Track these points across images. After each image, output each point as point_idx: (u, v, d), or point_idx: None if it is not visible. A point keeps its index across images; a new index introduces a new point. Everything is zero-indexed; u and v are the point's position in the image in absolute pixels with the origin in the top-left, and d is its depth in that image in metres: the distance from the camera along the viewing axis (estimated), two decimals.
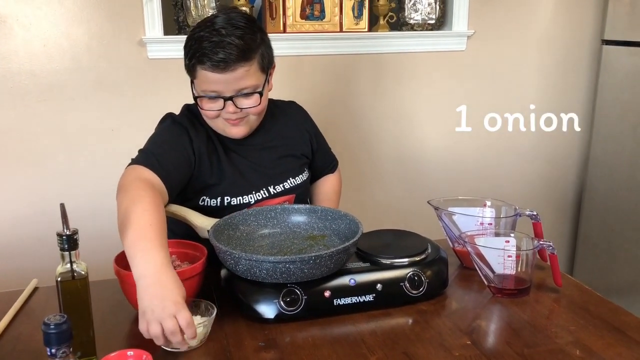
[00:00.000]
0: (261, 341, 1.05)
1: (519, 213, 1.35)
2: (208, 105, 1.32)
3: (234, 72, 1.26)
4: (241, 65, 1.26)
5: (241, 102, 1.31)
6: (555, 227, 2.79)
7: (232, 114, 1.31)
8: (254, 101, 1.32)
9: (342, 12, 2.27)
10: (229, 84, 1.28)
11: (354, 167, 2.43)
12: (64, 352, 0.81)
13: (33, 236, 2.11)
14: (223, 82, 1.27)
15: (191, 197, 1.39)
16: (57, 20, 2.02)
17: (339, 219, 1.28)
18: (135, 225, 1.08)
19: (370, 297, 1.14)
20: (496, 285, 1.22)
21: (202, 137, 1.38)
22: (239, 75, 1.27)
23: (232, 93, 1.29)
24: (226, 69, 1.25)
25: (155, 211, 1.12)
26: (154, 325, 0.95)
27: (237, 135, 1.37)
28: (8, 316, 1.13)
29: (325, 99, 2.36)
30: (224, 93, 1.29)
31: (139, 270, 1.02)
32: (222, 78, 1.26)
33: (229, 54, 1.24)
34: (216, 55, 1.24)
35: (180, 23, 2.14)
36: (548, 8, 2.51)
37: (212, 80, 1.27)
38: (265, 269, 1.07)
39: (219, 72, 1.26)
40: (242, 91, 1.30)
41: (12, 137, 2.06)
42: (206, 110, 1.33)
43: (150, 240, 1.05)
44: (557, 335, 1.06)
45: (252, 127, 1.39)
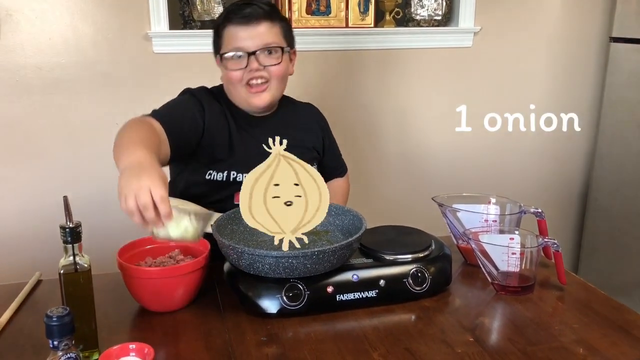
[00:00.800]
0: (263, 336, 1.05)
1: (524, 210, 1.34)
2: (233, 65, 1.38)
3: (258, 25, 1.35)
4: (265, 20, 1.36)
5: (264, 60, 1.37)
6: (560, 225, 2.78)
7: (255, 71, 1.36)
8: (276, 59, 1.38)
9: (348, 7, 2.26)
10: (253, 39, 1.35)
11: (359, 163, 2.42)
12: (66, 345, 0.81)
13: (37, 229, 2.12)
14: (247, 36, 1.35)
15: (198, 169, 1.42)
16: (63, 14, 2.02)
17: (343, 215, 1.28)
18: (125, 140, 1.15)
19: (373, 293, 1.13)
20: (500, 282, 1.21)
21: (215, 112, 1.43)
22: (263, 30, 1.36)
23: (255, 48, 1.36)
24: (250, 22, 1.35)
25: (147, 131, 1.21)
26: (129, 199, 0.96)
27: (260, 104, 1.41)
28: (11, 308, 1.13)
29: (330, 94, 2.35)
30: (247, 48, 1.36)
31: (123, 165, 1.05)
32: (247, 32, 1.35)
33: (255, 9, 1.36)
34: (242, 11, 1.35)
35: (185, 17, 2.14)
36: (556, 5, 2.49)
37: (237, 35, 1.36)
38: (268, 264, 1.07)
39: (244, 25, 1.35)
40: (266, 46, 1.36)
41: (17, 131, 2.07)
42: (231, 71, 1.38)
43: (136, 144, 1.11)
44: (561, 333, 1.06)
45: (273, 96, 1.43)
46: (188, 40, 2.13)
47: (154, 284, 1.10)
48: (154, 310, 1.13)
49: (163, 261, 1.18)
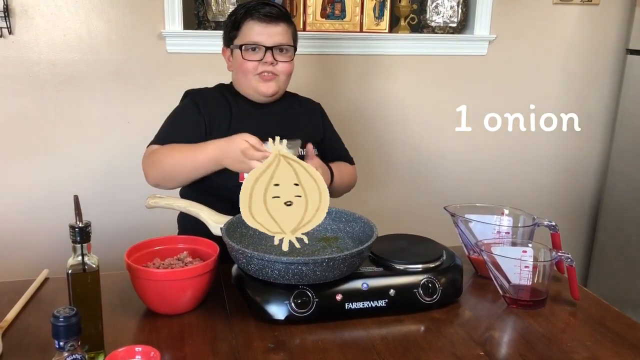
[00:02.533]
0: (270, 342, 1.03)
1: (537, 223, 1.32)
2: (250, 56, 1.50)
3: (277, 26, 1.49)
4: (283, 22, 1.50)
5: (277, 56, 1.50)
6: (570, 236, 2.75)
7: (269, 64, 1.49)
8: (288, 57, 1.52)
9: (363, 12, 2.25)
10: (271, 37, 1.48)
11: (370, 169, 2.41)
12: (72, 346, 0.80)
13: (46, 226, 2.12)
14: (266, 33, 1.48)
15: None
16: (78, 11, 2.02)
17: (354, 222, 1.26)
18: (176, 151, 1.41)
19: (383, 303, 1.12)
20: (511, 295, 1.19)
21: (212, 103, 1.54)
22: (280, 30, 1.49)
23: (271, 44, 1.49)
24: (271, 22, 1.48)
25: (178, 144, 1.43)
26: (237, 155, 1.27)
27: (267, 91, 1.52)
28: (18, 306, 1.12)
29: (342, 98, 2.34)
30: (265, 44, 1.48)
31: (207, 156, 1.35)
32: (266, 30, 1.48)
33: (275, 9, 1.49)
34: (263, 9, 1.48)
35: (200, 18, 2.14)
36: (572, 16, 2.47)
37: (257, 31, 1.48)
38: (277, 270, 1.05)
39: (266, 23, 1.48)
40: (280, 45, 1.49)
41: (28, 126, 2.07)
42: (247, 61, 1.49)
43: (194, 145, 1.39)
44: (573, 349, 1.04)
45: (280, 87, 1.55)
46: (202, 40, 2.13)
47: (162, 286, 1.08)
48: (160, 313, 1.12)
49: (171, 263, 1.17)
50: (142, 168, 1.45)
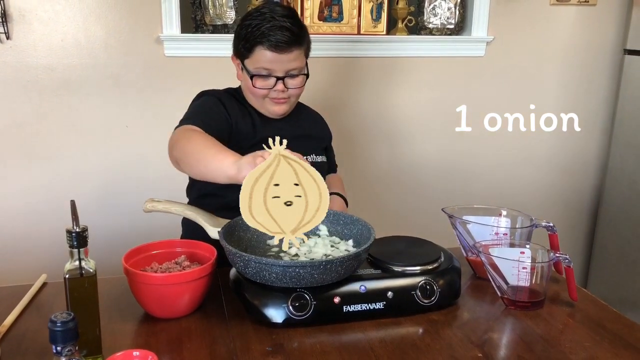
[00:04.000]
0: (268, 345, 1.03)
1: (535, 224, 1.32)
2: (261, 84, 1.45)
3: (290, 53, 1.41)
4: (296, 47, 1.42)
5: (288, 82, 1.45)
6: (570, 237, 2.75)
7: (280, 92, 1.45)
8: (299, 82, 1.47)
9: (360, 14, 2.26)
10: (283, 64, 1.42)
11: (368, 170, 2.41)
12: (69, 351, 0.80)
13: (44, 231, 2.12)
14: (278, 61, 1.41)
15: None
16: (75, 16, 2.03)
17: (351, 224, 1.26)
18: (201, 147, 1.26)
19: (381, 305, 1.12)
20: (509, 297, 1.19)
21: (235, 107, 1.49)
22: (293, 57, 1.42)
23: (283, 73, 1.44)
24: (284, 50, 1.40)
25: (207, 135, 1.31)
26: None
27: (279, 112, 1.49)
28: (16, 311, 1.12)
29: (341, 101, 2.34)
30: (276, 72, 1.43)
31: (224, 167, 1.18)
32: (278, 58, 1.41)
33: (287, 36, 1.39)
34: (275, 37, 1.39)
35: (197, 21, 2.14)
36: (570, 16, 2.48)
37: (268, 59, 1.41)
38: (275, 273, 1.05)
39: (278, 52, 1.40)
40: (291, 72, 1.44)
41: (26, 131, 2.07)
42: (258, 89, 1.45)
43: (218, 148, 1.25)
44: (572, 350, 1.04)
45: (291, 107, 1.53)
46: (199, 44, 2.13)
47: (160, 290, 1.08)
48: (158, 317, 1.12)
49: (169, 267, 1.17)
50: (169, 142, 1.36)
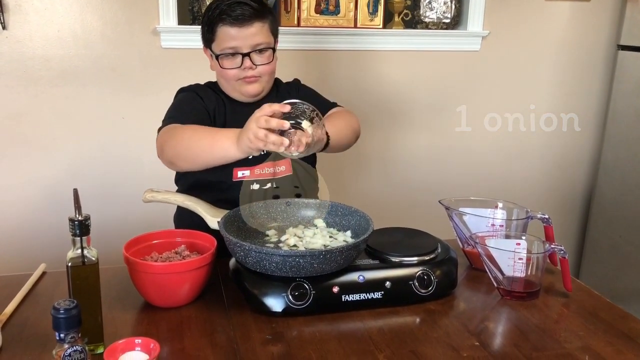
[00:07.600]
0: (268, 334, 1.04)
1: (531, 216, 1.34)
2: (228, 64, 1.44)
3: (251, 26, 1.40)
4: (257, 21, 1.41)
5: (255, 59, 1.44)
6: (563, 230, 2.78)
7: (250, 69, 1.43)
8: (267, 58, 1.45)
9: (357, 7, 2.26)
10: (246, 39, 1.41)
11: (365, 164, 2.42)
12: (72, 337, 0.81)
13: (42, 221, 2.11)
14: (241, 37, 1.41)
15: None
16: (72, 7, 2.02)
17: (350, 215, 1.28)
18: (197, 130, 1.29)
19: (379, 295, 1.13)
20: (505, 287, 1.21)
21: (212, 99, 1.50)
22: (255, 31, 1.41)
23: (248, 49, 1.42)
24: (244, 23, 1.40)
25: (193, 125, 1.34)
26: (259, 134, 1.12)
27: (252, 91, 1.47)
28: (16, 300, 1.13)
29: (337, 94, 2.34)
30: (241, 49, 1.42)
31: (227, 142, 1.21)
32: (240, 33, 1.40)
33: (246, 9, 1.40)
34: (235, 12, 1.39)
35: (194, 13, 2.14)
36: (564, 11, 2.49)
37: (231, 36, 1.41)
38: (275, 262, 1.06)
39: (238, 26, 1.40)
40: (257, 47, 1.43)
41: (23, 122, 2.07)
42: (226, 69, 1.44)
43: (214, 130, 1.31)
44: (566, 339, 1.06)
45: (264, 87, 1.50)
46: (196, 35, 2.08)
47: (160, 279, 1.09)
48: (159, 306, 1.12)
49: (169, 256, 1.17)
50: (157, 145, 1.38)
